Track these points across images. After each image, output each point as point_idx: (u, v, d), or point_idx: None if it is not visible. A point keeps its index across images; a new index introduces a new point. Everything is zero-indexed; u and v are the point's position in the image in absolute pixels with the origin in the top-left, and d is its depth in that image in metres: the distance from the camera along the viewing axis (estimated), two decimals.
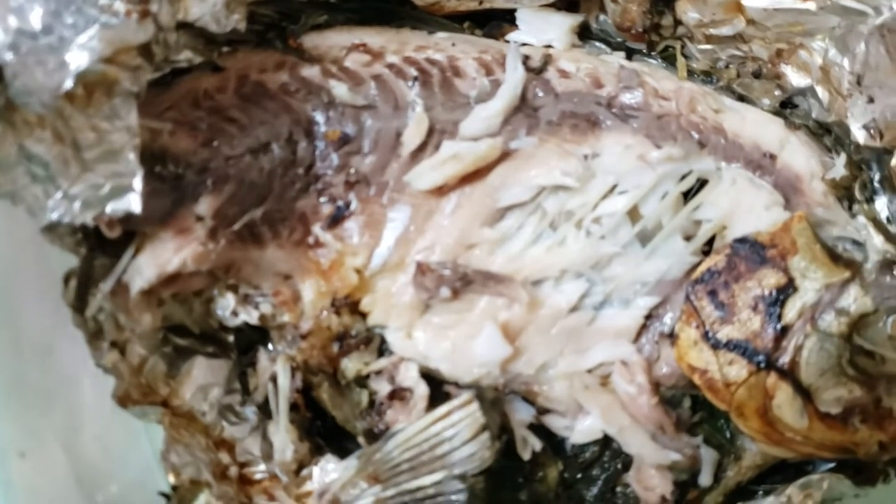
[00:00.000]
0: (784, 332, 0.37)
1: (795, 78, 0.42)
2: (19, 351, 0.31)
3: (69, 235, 0.32)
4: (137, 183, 0.32)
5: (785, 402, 0.37)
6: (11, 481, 0.29)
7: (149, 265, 0.34)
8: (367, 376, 0.40)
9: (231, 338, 0.40)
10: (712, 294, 0.38)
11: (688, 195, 0.40)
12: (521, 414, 0.40)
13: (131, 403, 0.34)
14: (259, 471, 0.38)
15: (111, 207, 0.31)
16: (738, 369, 0.37)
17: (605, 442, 0.41)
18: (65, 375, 0.32)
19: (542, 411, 0.40)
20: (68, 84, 0.29)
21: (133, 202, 0.31)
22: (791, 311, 0.37)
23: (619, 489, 0.41)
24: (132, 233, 0.35)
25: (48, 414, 0.31)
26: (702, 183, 0.40)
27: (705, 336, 0.38)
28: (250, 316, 0.38)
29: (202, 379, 0.37)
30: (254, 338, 0.41)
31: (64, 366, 0.32)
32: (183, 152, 0.35)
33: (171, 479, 0.34)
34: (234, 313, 0.38)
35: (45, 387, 0.32)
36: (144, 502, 0.33)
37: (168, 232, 0.34)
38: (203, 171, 0.36)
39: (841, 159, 0.40)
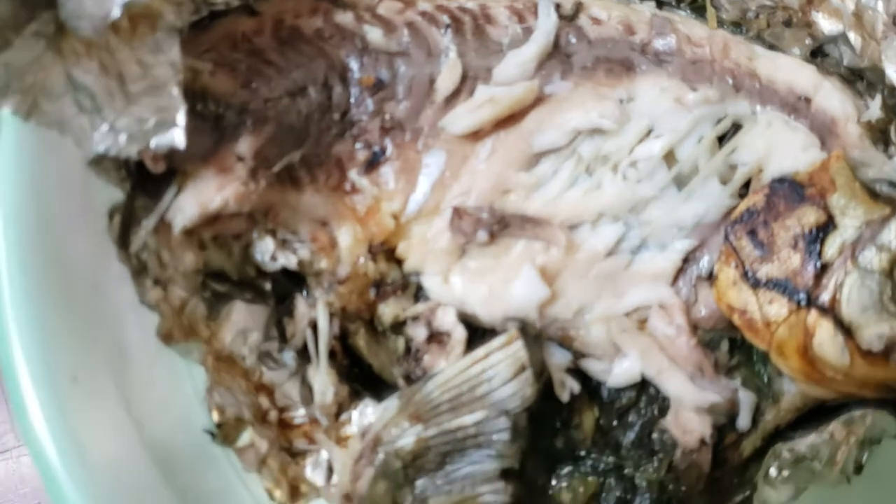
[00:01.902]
0: (824, 269, 0.37)
1: (826, 25, 0.42)
2: (67, 284, 0.31)
3: (114, 170, 0.32)
4: (181, 118, 0.32)
5: (826, 339, 0.36)
6: (65, 405, 0.29)
7: (191, 203, 0.34)
8: (404, 322, 0.40)
9: (268, 286, 0.39)
10: (751, 233, 0.38)
11: (722, 140, 0.40)
12: (558, 358, 0.40)
13: (174, 341, 0.34)
14: (299, 415, 0.38)
15: (156, 142, 0.31)
16: (778, 308, 0.37)
17: (642, 387, 0.41)
18: (110, 311, 0.32)
19: (579, 356, 0.40)
20: (116, 13, 0.29)
21: (177, 137, 0.31)
22: (831, 248, 0.37)
23: (655, 435, 0.41)
24: (173, 173, 0.35)
25: (96, 346, 0.31)
26: (736, 128, 0.40)
27: (745, 275, 0.38)
28: (289, 260, 0.38)
29: (241, 323, 0.37)
30: (290, 288, 0.41)
31: (109, 302, 0.32)
32: (223, 93, 0.35)
33: (216, 416, 0.34)
34: (273, 258, 0.38)
35: (92, 321, 0.32)
36: (188, 441, 0.33)
37: (210, 171, 0.34)
38: (243, 112, 0.36)
39: (876, 102, 0.40)
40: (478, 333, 0.39)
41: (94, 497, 0.28)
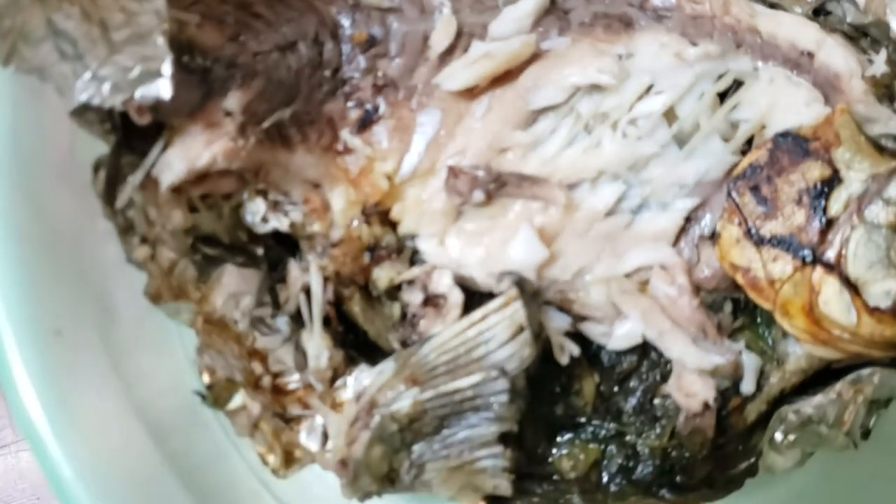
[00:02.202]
0: (830, 224, 0.36)
1: None
2: (50, 238, 0.30)
3: (98, 122, 0.31)
4: (167, 68, 0.31)
5: (832, 297, 0.36)
6: (48, 358, 0.28)
7: (179, 159, 0.33)
8: (399, 287, 0.39)
9: (260, 251, 0.38)
10: (755, 189, 0.37)
11: (723, 98, 0.39)
12: (557, 322, 0.39)
13: (163, 301, 0.33)
14: (293, 381, 0.37)
15: (141, 92, 0.30)
16: (782, 265, 0.36)
17: (643, 352, 0.40)
18: (96, 268, 0.31)
19: (578, 319, 0.39)
20: None
21: (163, 88, 0.31)
22: (836, 203, 0.36)
23: (657, 401, 0.40)
24: (159, 129, 0.34)
25: (81, 302, 0.30)
26: (737, 84, 0.39)
27: (748, 233, 0.37)
28: (280, 222, 0.37)
29: (233, 286, 0.36)
30: (282, 254, 0.40)
31: (94, 258, 0.31)
32: (210, 46, 0.34)
33: (206, 378, 0.33)
34: (264, 219, 0.37)
35: (76, 276, 0.31)
36: (178, 404, 0.32)
37: (198, 126, 0.33)
38: (231, 66, 0.35)
39: (881, 57, 0.39)
40: (475, 298, 0.38)
41: (80, 457, 0.27)
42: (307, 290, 0.38)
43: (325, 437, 0.37)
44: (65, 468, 0.27)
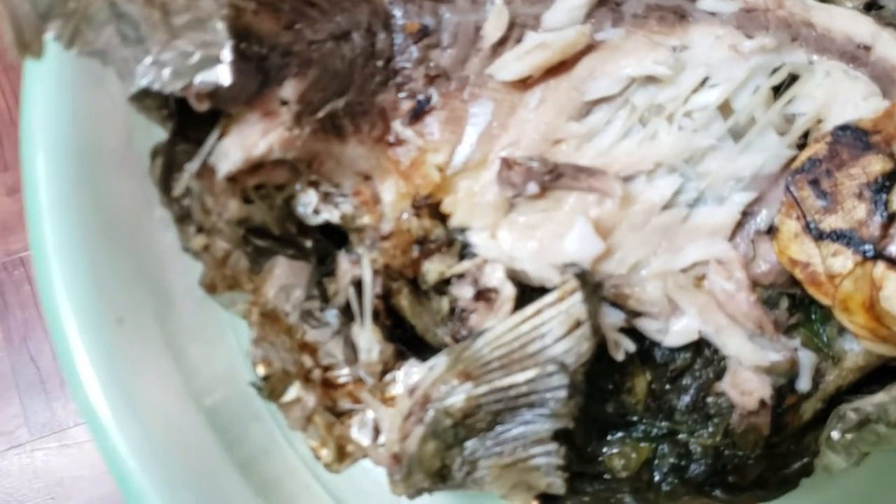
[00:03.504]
0: (892, 219, 0.35)
1: None
2: (109, 225, 0.30)
3: (156, 108, 0.31)
4: (226, 54, 0.30)
5: (894, 292, 0.35)
6: (112, 346, 0.27)
7: (235, 148, 0.32)
8: (449, 282, 0.39)
9: (309, 244, 0.38)
10: (814, 183, 0.36)
11: (777, 92, 0.39)
12: (611, 318, 0.38)
13: (218, 292, 0.32)
14: (342, 374, 0.36)
15: (200, 78, 0.30)
16: (842, 260, 0.35)
17: (697, 350, 0.39)
18: (154, 257, 0.31)
19: (633, 315, 0.38)
20: None
21: (222, 74, 0.30)
22: None
23: (710, 399, 0.40)
24: (214, 118, 0.33)
25: (141, 290, 0.30)
26: (792, 78, 0.39)
27: (807, 227, 0.36)
28: (331, 214, 0.36)
29: (284, 279, 0.36)
30: (330, 248, 0.39)
31: (152, 247, 0.31)
32: (267, 33, 0.34)
33: (262, 370, 0.33)
34: (316, 211, 0.36)
35: (135, 264, 0.30)
36: (234, 395, 0.31)
37: (254, 114, 0.33)
38: (287, 54, 0.34)
39: None
40: (525, 293, 0.38)
41: (142, 446, 0.26)
42: (356, 284, 0.38)
43: (377, 431, 0.36)
44: (127, 456, 0.27)
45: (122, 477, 0.27)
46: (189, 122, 0.32)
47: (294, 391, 0.34)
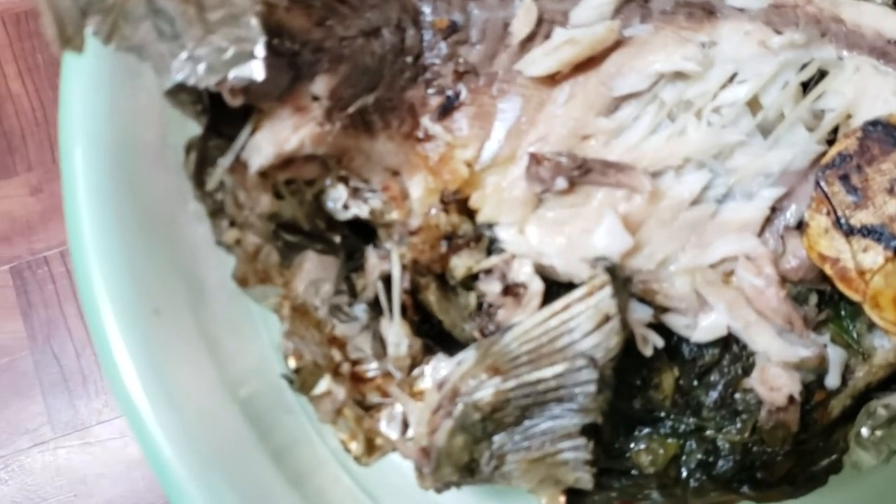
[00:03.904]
0: None
1: None
2: (145, 217, 0.30)
3: (191, 103, 0.31)
4: (260, 50, 0.30)
5: None
6: (148, 336, 0.28)
7: (267, 143, 0.33)
8: (476, 277, 0.39)
9: (338, 239, 0.38)
10: (844, 179, 0.36)
11: (806, 88, 0.39)
12: (639, 313, 0.38)
13: (250, 285, 0.33)
14: (371, 368, 0.37)
15: (234, 73, 0.30)
16: (873, 256, 0.35)
17: (725, 345, 0.39)
18: (188, 249, 0.31)
19: (661, 311, 0.38)
20: None
21: (256, 69, 0.30)
22: None
23: (738, 395, 0.39)
24: (246, 113, 0.34)
25: (176, 282, 0.30)
26: (821, 74, 0.39)
27: (837, 223, 0.36)
28: (361, 210, 0.37)
29: (314, 273, 0.36)
30: (357, 244, 0.39)
31: (187, 240, 0.31)
32: (299, 29, 0.34)
33: (293, 362, 0.33)
34: (345, 206, 0.37)
35: (171, 256, 0.30)
36: (266, 387, 0.32)
37: (286, 109, 0.33)
38: (318, 50, 0.34)
39: None
40: (552, 288, 0.38)
41: (179, 435, 0.27)
42: (385, 279, 0.38)
43: (405, 425, 0.36)
44: (164, 444, 0.27)
45: (159, 464, 0.27)
46: (222, 117, 0.33)
47: (324, 384, 0.34)
